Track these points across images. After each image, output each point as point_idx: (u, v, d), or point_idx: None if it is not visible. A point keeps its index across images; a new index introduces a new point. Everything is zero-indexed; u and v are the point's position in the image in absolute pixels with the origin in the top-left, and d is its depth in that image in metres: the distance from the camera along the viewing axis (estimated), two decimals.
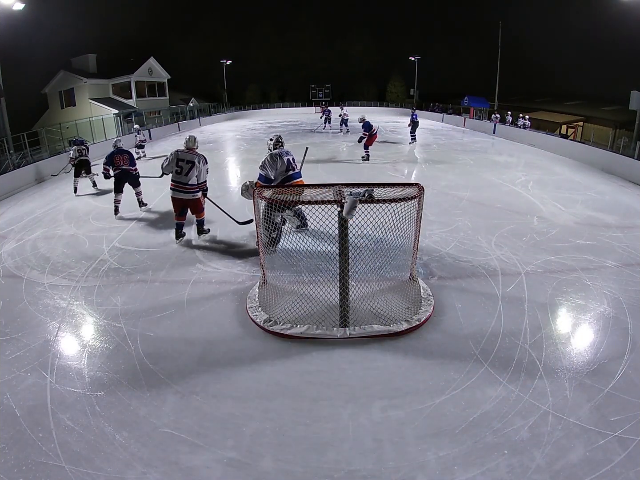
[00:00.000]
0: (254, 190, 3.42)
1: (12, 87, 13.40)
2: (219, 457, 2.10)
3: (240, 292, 3.77)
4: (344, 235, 3.00)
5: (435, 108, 26.66)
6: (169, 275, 4.21)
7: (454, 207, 6.45)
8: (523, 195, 7.33)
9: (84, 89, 22.28)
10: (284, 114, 29.65)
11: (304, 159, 5.47)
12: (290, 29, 38.94)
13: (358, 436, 2.22)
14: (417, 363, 2.81)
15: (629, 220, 5.97)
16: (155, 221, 6.05)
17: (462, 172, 9.31)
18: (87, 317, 3.49)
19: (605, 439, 2.15)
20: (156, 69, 25.50)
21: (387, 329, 3.09)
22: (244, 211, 5.79)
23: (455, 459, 2.07)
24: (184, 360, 2.86)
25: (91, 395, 2.53)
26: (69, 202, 7.36)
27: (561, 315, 3.45)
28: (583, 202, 6.97)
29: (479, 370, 2.70)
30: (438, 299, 3.57)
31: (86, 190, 8.18)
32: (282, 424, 2.31)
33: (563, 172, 9.89)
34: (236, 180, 8.99)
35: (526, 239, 5.08)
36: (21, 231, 5.79)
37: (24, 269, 4.47)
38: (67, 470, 2.02)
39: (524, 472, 1.99)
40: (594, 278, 4.02)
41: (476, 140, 15.59)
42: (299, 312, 3.28)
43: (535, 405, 2.39)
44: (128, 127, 17.99)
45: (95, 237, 5.36)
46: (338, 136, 16.21)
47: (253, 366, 2.80)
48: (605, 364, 2.75)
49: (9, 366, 2.82)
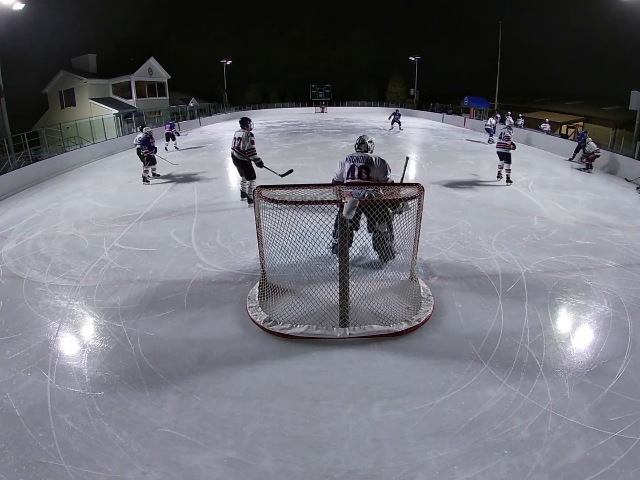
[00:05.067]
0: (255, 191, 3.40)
1: (12, 87, 13.37)
2: (219, 457, 2.10)
3: (240, 292, 3.77)
4: (343, 235, 3.00)
5: (435, 108, 26.66)
6: (169, 275, 4.21)
7: (454, 207, 6.44)
8: (523, 195, 7.33)
9: (84, 89, 22.29)
10: (284, 114, 29.65)
11: (404, 171, 4.92)
12: (290, 29, 39.00)
13: (358, 436, 2.22)
14: (417, 363, 2.81)
15: (629, 220, 5.97)
16: (156, 221, 6.04)
17: (462, 172, 9.31)
18: (87, 317, 3.49)
19: (605, 439, 2.15)
20: (156, 69, 25.50)
21: (387, 329, 3.09)
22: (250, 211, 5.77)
23: (455, 459, 2.07)
24: (184, 360, 2.86)
25: (91, 395, 2.53)
26: (69, 202, 7.36)
27: (561, 315, 3.45)
28: (583, 202, 6.97)
29: (479, 370, 2.70)
30: (438, 299, 3.57)
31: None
32: (282, 424, 2.31)
33: (563, 172, 9.90)
34: (236, 180, 8.99)
35: (526, 239, 5.08)
36: (21, 231, 5.79)
37: (24, 269, 4.47)
38: (67, 470, 2.02)
39: (524, 472, 1.99)
40: (594, 278, 4.02)
41: (476, 140, 15.58)
42: (299, 312, 3.28)
43: (535, 405, 2.39)
44: (128, 127, 18.00)
45: (95, 237, 5.36)
46: (337, 136, 16.21)
47: (253, 366, 2.80)
48: (605, 364, 2.75)
49: (9, 366, 2.82)
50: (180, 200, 7.06)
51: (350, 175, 4.13)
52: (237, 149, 6.34)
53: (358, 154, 4.22)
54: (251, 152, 6.27)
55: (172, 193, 7.61)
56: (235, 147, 6.35)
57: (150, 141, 8.57)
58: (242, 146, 6.26)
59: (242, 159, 6.34)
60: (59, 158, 11.06)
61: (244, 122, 6.39)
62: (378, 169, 4.08)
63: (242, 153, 6.29)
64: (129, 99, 23.56)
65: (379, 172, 4.08)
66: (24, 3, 10.66)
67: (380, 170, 4.08)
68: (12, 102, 12.84)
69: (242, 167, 6.46)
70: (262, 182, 5.15)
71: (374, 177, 4.09)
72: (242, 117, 6.51)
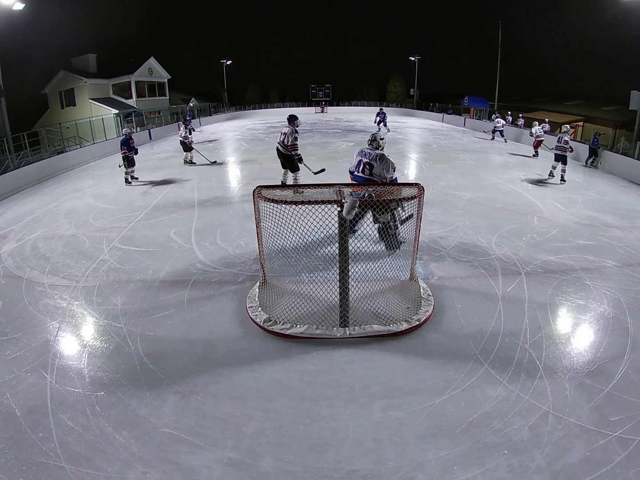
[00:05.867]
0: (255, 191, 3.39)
1: (12, 87, 13.40)
2: (219, 457, 2.10)
3: (240, 292, 3.77)
4: (343, 235, 2.99)
5: (435, 108, 26.65)
6: (169, 275, 4.21)
7: (454, 207, 6.44)
8: (523, 195, 7.33)
9: (84, 89, 22.27)
10: (284, 114, 29.46)
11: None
12: (290, 29, 38.96)
13: (358, 436, 2.22)
14: (417, 363, 2.81)
15: (629, 220, 5.97)
16: (156, 221, 6.04)
17: (462, 172, 9.30)
18: (87, 317, 3.49)
19: (605, 439, 2.15)
20: (156, 69, 25.49)
21: (387, 329, 3.09)
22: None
23: (455, 459, 2.07)
24: (184, 360, 2.86)
25: (91, 395, 2.53)
26: (69, 202, 7.36)
27: (561, 315, 3.45)
28: (583, 202, 6.97)
29: (479, 370, 2.70)
30: (438, 299, 3.57)
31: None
32: (282, 424, 2.31)
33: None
34: (236, 180, 9.00)
35: (526, 239, 5.08)
36: (21, 231, 5.79)
37: (24, 269, 4.47)
38: (67, 470, 2.02)
39: (524, 472, 1.99)
40: (594, 278, 4.02)
41: (476, 140, 15.58)
42: (299, 312, 3.28)
43: (535, 405, 2.39)
44: (128, 127, 17.99)
45: (95, 237, 5.36)
46: (337, 136, 16.20)
47: (253, 366, 2.80)
48: (605, 364, 2.75)
49: (9, 366, 2.82)
50: (180, 200, 7.06)
51: (357, 169, 4.43)
52: (282, 143, 6.80)
53: (367, 149, 4.46)
54: (293, 148, 6.75)
55: (172, 193, 7.61)
56: (281, 141, 6.82)
57: (130, 142, 8.51)
58: (286, 141, 6.74)
59: (286, 152, 6.82)
60: (59, 158, 11.06)
61: (292, 119, 6.80)
62: (381, 167, 4.30)
63: (286, 147, 6.77)
64: (129, 99, 23.54)
65: (382, 170, 4.28)
66: (24, 3, 10.66)
67: (383, 168, 4.29)
68: (12, 102, 12.85)
69: (286, 160, 6.92)
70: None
71: (376, 173, 4.32)
72: (290, 115, 6.94)
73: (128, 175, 8.56)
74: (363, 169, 4.37)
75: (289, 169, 7.04)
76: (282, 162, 7.04)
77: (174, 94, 27.69)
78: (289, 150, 6.75)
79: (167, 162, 11.31)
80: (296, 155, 6.78)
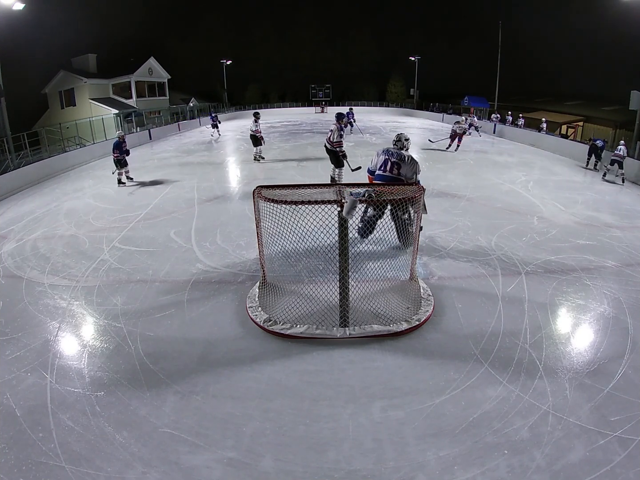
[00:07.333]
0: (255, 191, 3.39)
1: (12, 87, 13.39)
2: (219, 457, 2.10)
3: (240, 292, 3.77)
4: (344, 235, 2.99)
5: (435, 108, 26.66)
6: (169, 275, 4.21)
7: (454, 207, 6.44)
8: (523, 195, 7.33)
9: (84, 89, 22.28)
10: (284, 114, 29.61)
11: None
12: (290, 29, 38.97)
13: (358, 436, 2.22)
14: (417, 363, 2.81)
15: (629, 220, 5.97)
16: (156, 221, 6.04)
17: (462, 172, 9.30)
18: (87, 317, 3.49)
19: (605, 439, 2.15)
20: (156, 69, 25.50)
21: (387, 329, 3.09)
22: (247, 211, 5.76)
23: (455, 459, 2.07)
24: (184, 360, 2.86)
25: (91, 395, 2.53)
26: (69, 202, 7.36)
27: (561, 315, 3.45)
28: (583, 202, 6.97)
29: (479, 370, 2.70)
30: (438, 299, 3.57)
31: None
32: (282, 424, 2.31)
33: (563, 172, 9.90)
34: (236, 180, 9.00)
35: (526, 239, 5.08)
36: (21, 231, 5.79)
37: (24, 269, 4.47)
38: (67, 470, 2.02)
39: (524, 472, 1.99)
40: (594, 278, 4.02)
41: (476, 140, 15.58)
42: (299, 312, 3.28)
43: (535, 405, 2.39)
44: (128, 127, 18.01)
45: (95, 237, 5.36)
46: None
47: (253, 366, 2.80)
48: (605, 364, 2.75)
49: (9, 366, 2.82)
50: (180, 200, 7.06)
51: (382, 168, 4.45)
52: (328, 139, 7.24)
53: (394, 149, 4.52)
54: (338, 144, 7.13)
55: (172, 193, 7.61)
56: (327, 138, 7.26)
57: (123, 145, 8.44)
58: (331, 138, 7.14)
59: (332, 149, 7.21)
60: (59, 158, 11.05)
61: (339, 117, 7.22)
62: (409, 168, 4.39)
63: (331, 143, 7.17)
64: (129, 99, 23.55)
65: (408, 170, 4.39)
66: (24, 3, 10.67)
67: (410, 169, 4.37)
68: (12, 102, 12.85)
69: (332, 155, 7.27)
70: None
71: (403, 173, 4.39)
72: (338, 112, 7.46)
73: (121, 175, 8.50)
74: (391, 168, 4.40)
75: (334, 165, 7.34)
76: (329, 158, 7.40)
77: (174, 94, 27.69)
78: (334, 147, 7.10)
79: (167, 162, 11.32)
80: (340, 152, 7.10)
